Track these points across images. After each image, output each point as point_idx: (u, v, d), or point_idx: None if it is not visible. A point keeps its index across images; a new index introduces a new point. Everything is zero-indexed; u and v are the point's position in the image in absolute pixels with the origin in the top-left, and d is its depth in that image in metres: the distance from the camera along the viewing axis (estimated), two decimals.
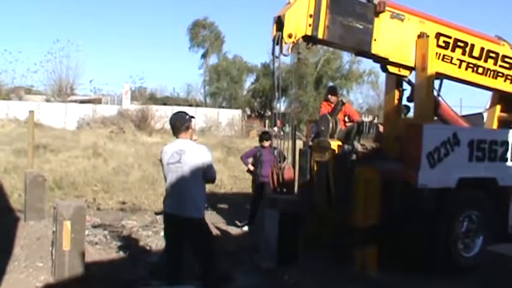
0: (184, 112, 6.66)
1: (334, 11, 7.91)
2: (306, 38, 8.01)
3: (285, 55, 7.75)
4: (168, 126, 6.52)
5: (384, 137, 9.18)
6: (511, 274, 8.52)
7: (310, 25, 7.77)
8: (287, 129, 9.33)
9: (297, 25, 7.69)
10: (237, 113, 49.62)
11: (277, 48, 7.68)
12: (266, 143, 11.56)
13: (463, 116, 10.62)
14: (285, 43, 7.60)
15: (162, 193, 12.44)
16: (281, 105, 9.64)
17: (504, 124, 10.00)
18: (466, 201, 8.48)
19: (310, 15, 7.76)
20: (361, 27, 8.16)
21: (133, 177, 16.32)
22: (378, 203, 7.81)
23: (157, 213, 11.98)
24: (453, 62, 8.89)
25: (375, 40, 8.30)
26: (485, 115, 10.71)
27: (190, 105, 49.25)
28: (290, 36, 7.59)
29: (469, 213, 8.44)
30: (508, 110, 10.09)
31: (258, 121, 51.45)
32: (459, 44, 8.88)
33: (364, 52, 8.62)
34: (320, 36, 7.91)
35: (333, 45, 9.50)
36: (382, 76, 9.60)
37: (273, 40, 7.68)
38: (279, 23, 7.62)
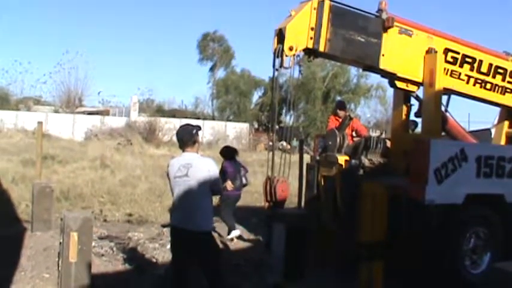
0: (191, 125, 6.67)
1: (335, 24, 7.87)
2: (307, 51, 7.95)
3: (285, 68, 7.67)
4: (175, 138, 6.48)
5: (391, 152, 9.17)
6: None
7: (311, 38, 7.72)
8: (294, 143, 9.30)
9: (298, 38, 7.63)
10: (244, 127, 49.70)
11: (277, 61, 7.60)
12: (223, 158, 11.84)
13: (471, 132, 10.59)
14: (286, 56, 7.52)
15: (169, 205, 12.49)
16: (281, 119, 9.58)
17: None
18: (473, 217, 8.43)
19: (312, 28, 7.71)
20: (363, 40, 8.13)
21: (140, 189, 16.34)
22: (385, 218, 7.77)
23: (164, 226, 11.98)
24: (461, 77, 8.88)
25: (383, 55, 8.30)
26: (493, 131, 10.68)
27: (198, 118, 49.40)
28: (291, 49, 7.51)
29: (476, 229, 8.40)
30: None
31: (265, 135, 51.46)
32: (467, 59, 8.89)
33: (372, 67, 8.61)
34: (321, 49, 7.86)
35: (335, 59, 9.45)
36: (390, 91, 9.61)
37: (274, 53, 7.61)
38: (280, 35, 7.55)
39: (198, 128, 6.62)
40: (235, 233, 11.35)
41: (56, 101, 55.35)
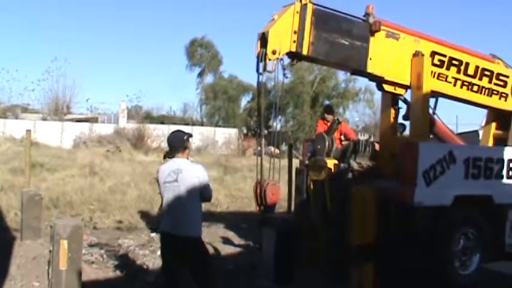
0: (182, 131, 6.66)
1: (319, 28, 7.89)
2: (291, 55, 7.95)
3: (269, 72, 7.67)
4: (164, 145, 6.49)
5: (380, 156, 9.21)
6: None
7: (294, 41, 7.73)
8: (283, 147, 9.32)
9: (281, 41, 7.62)
10: (233, 132, 49.65)
11: (261, 64, 7.60)
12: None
13: (459, 134, 10.66)
14: (269, 59, 7.52)
15: (158, 212, 12.47)
16: (270, 123, 9.58)
17: (499, 142, 10.03)
18: (462, 219, 8.48)
19: (295, 32, 7.72)
20: (347, 43, 8.15)
21: (130, 196, 16.28)
22: (374, 221, 7.79)
23: (152, 229, 11.99)
24: (448, 80, 8.93)
25: (371, 59, 8.33)
26: (480, 133, 10.75)
27: (187, 124, 49.27)
28: (274, 52, 7.50)
29: (465, 231, 8.45)
30: (503, 128, 10.12)
31: (254, 140, 51.41)
32: (454, 62, 8.94)
33: (360, 70, 8.64)
34: (304, 52, 7.86)
35: (319, 62, 9.47)
36: (378, 94, 9.65)
37: (257, 57, 7.62)
38: (263, 39, 7.57)
39: (189, 135, 6.62)
40: None
41: (44, 109, 55.00)
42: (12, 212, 13.12)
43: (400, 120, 9.45)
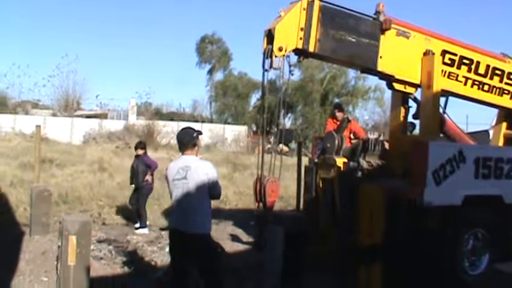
0: (192, 128, 6.65)
1: (325, 25, 7.81)
2: (297, 52, 7.88)
3: (275, 69, 7.53)
4: (174, 141, 6.46)
5: (390, 154, 9.16)
6: None
7: (301, 38, 7.63)
8: (293, 145, 9.29)
9: (288, 38, 7.53)
10: (242, 129, 49.63)
11: (267, 61, 7.46)
12: (140, 152, 12.77)
13: (469, 133, 10.60)
14: (276, 56, 7.40)
15: (167, 208, 12.50)
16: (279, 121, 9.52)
17: (510, 141, 9.98)
18: (471, 218, 8.41)
19: (301, 29, 7.63)
20: (354, 40, 8.09)
21: None
22: (383, 220, 7.78)
23: (162, 229, 12.01)
24: (459, 79, 8.89)
25: (381, 57, 8.28)
26: (491, 132, 10.70)
27: (196, 121, 49.32)
28: (280, 49, 7.39)
29: (475, 230, 8.40)
30: None
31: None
32: (465, 61, 8.89)
33: (370, 69, 8.60)
34: (311, 49, 7.77)
35: (326, 59, 9.38)
36: (388, 93, 9.58)
37: (264, 53, 7.49)
38: (270, 36, 7.47)
39: (199, 132, 6.62)
40: (144, 230, 12.19)
41: (54, 105, 55.33)
42: (21, 207, 13.18)
43: (410, 119, 9.40)
